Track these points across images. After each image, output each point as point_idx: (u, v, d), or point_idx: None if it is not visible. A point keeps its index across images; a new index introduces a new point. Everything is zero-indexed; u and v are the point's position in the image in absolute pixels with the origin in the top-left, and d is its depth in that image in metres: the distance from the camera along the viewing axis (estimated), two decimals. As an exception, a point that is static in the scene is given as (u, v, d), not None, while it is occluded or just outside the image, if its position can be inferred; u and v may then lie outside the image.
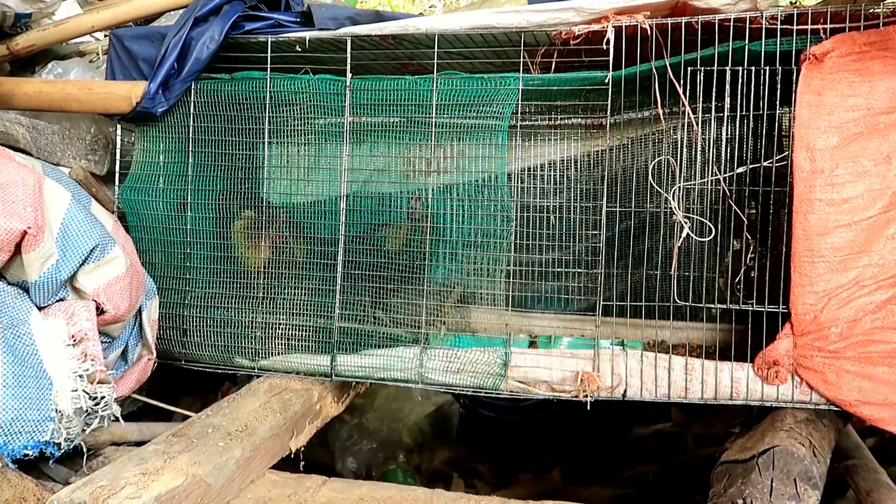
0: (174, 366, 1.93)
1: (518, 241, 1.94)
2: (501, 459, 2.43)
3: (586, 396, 1.65)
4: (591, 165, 2.15)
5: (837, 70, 1.58)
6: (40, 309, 1.49)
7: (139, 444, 1.67)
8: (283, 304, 1.90)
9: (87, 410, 1.43)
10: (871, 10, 1.61)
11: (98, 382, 1.45)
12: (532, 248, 1.99)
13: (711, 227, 1.63)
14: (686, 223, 1.64)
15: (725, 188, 1.70)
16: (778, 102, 1.66)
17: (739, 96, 1.66)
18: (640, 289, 1.99)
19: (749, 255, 1.70)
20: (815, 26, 1.61)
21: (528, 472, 2.37)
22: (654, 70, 1.71)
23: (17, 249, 1.42)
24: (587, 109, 2.11)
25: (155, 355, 1.81)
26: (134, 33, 1.98)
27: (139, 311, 1.77)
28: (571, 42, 1.76)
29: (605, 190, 1.76)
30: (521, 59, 1.78)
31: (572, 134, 2.13)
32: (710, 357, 1.66)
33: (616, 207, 1.79)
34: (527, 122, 2.07)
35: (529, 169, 2.15)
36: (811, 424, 1.52)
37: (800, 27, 1.61)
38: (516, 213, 1.93)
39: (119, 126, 1.98)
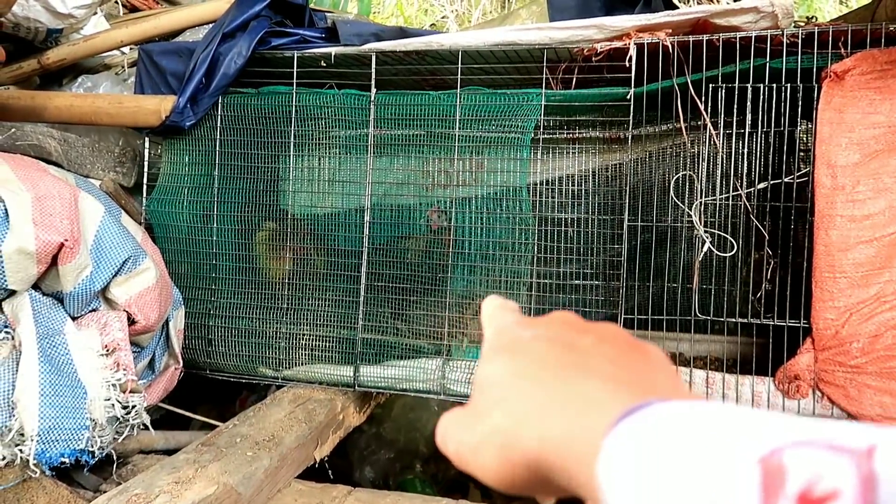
0: (199, 375, 1.96)
1: (538, 254, 1.96)
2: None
3: (608, 409, 1.66)
4: (611, 178, 2.17)
5: (858, 88, 1.60)
6: (74, 319, 1.53)
7: (165, 452, 1.71)
8: (307, 314, 1.93)
9: (119, 419, 1.46)
10: (891, 29, 1.63)
11: (130, 392, 1.48)
12: (552, 261, 2.01)
13: (733, 242, 1.65)
14: (707, 238, 1.66)
15: (746, 203, 1.72)
16: (799, 119, 1.68)
17: (760, 113, 1.69)
18: (660, 301, 2.00)
19: (769, 270, 1.72)
20: (835, 46, 1.63)
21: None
22: (676, 86, 1.73)
23: (54, 261, 1.46)
24: (606, 123, 2.14)
25: (181, 365, 1.84)
26: (162, 48, 2.03)
27: (166, 321, 1.80)
28: (593, 59, 1.79)
29: (628, 203, 1.79)
30: (544, 76, 1.81)
31: (594, 147, 2.16)
32: (730, 370, 1.67)
33: (637, 221, 1.80)
34: (548, 136, 2.09)
35: (549, 182, 2.18)
36: (833, 439, 1.53)
37: (821, 45, 1.64)
38: (537, 225, 1.95)
39: (147, 139, 2.02)
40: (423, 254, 1.95)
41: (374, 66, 1.90)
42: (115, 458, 1.54)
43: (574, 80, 1.89)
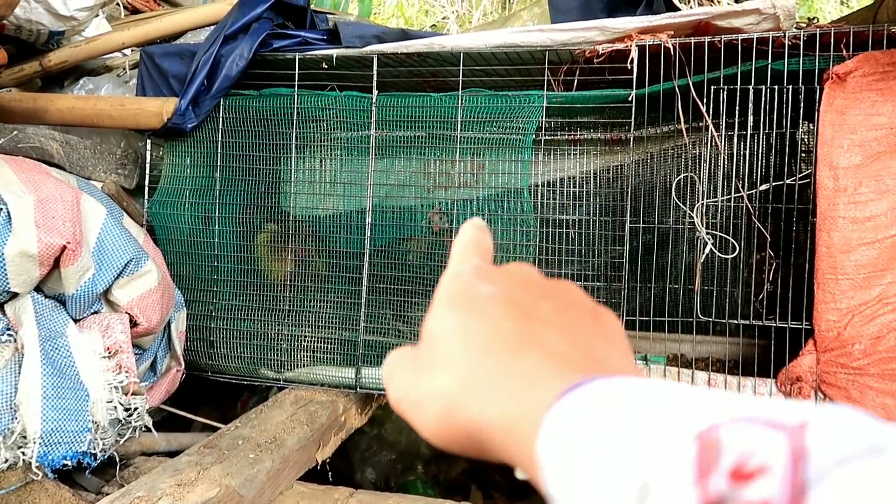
0: (201, 377, 1.96)
1: (540, 256, 1.96)
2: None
3: (610, 411, 1.66)
4: (612, 180, 2.17)
5: (860, 89, 1.60)
6: (76, 321, 1.53)
7: (167, 454, 1.71)
8: (308, 316, 1.93)
9: (121, 421, 1.46)
10: (893, 30, 1.62)
11: (132, 394, 1.48)
12: (553, 263, 2.01)
13: (735, 244, 1.65)
14: (710, 240, 1.66)
15: (749, 205, 1.72)
16: (801, 121, 1.68)
17: (763, 114, 1.69)
18: (661, 303, 2.00)
19: (770, 271, 1.72)
20: (837, 48, 1.63)
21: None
22: (677, 88, 1.73)
23: (56, 263, 1.46)
24: (608, 125, 2.14)
25: (183, 366, 1.84)
26: (164, 50, 2.03)
27: (168, 323, 1.80)
28: (595, 60, 1.79)
29: (630, 205, 1.79)
30: (546, 77, 1.81)
31: (595, 148, 2.16)
32: (731, 372, 1.67)
33: (639, 223, 1.80)
34: (549, 137, 2.09)
35: (551, 183, 2.18)
36: (836, 441, 1.53)
37: (822, 47, 1.64)
38: (538, 226, 1.95)
39: (149, 141, 2.02)
40: (425, 255, 1.95)
41: (375, 67, 1.90)
42: (117, 460, 1.54)
43: (576, 81, 1.89)
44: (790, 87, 1.67)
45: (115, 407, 1.43)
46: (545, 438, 0.27)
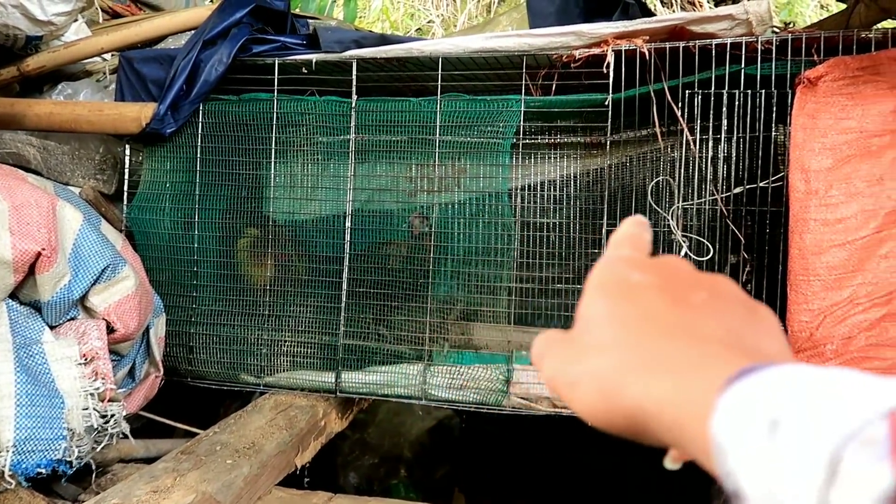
0: (181, 383, 1.95)
1: (520, 259, 1.97)
2: (503, 474, 2.45)
3: (588, 413, 1.67)
4: (592, 183, 2.18)
5: (831, 94, 1.62)
6: (52, 328, 1.52)
7: (146, 460, 1.70)
8: (288, 321, 1.93)
9: (97, 428, 1.45)
10: (862, 36, 1.65)
11: (108, 400, 1.47)
12: (535, 266, 2.03)
13: (710, 246, 1.67)
14: (685, 242, 1.68)
15: (723, 208, 1.74)
16: (774, 124, 1.70)
17: (736, 118, 1.71)
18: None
19: (745, 273, 1.74)
20: (809, 53, 1.66)
21: (529, 487, 2.39)
22: (653, 92, 1.75)
23: (31, 270, 1.45)
24: (587, 129, 2.16)
25: (162, 372, 1.83)
26: (143, 55, 2.03)
27: (147, 329, 1.79)
28: (572, 65, 1.81)
29: (608, 208, 1.80)
30: (523, 82, 1.83)
31: (574, 152, 2.17)
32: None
33: (615, 225, 1.82)
34: (528, 141, 2.11)
35: (531, 187, 2.19)
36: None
37: (795, 52, 1.66)
38: (518, 230, 1.97)
39: (128, 146, 2.01)
40: (405, 259, 1.95)
41: (354, 72, 1.90)
42: (93, 467, 1.53)
43: (554, 86, 1.91)
44: (763, 91, 1.70)
45: (91, 414, 1.43)
46: (722, 417, 0.28)
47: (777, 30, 1.86)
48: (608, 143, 1.81)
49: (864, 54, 1.62)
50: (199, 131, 1.98)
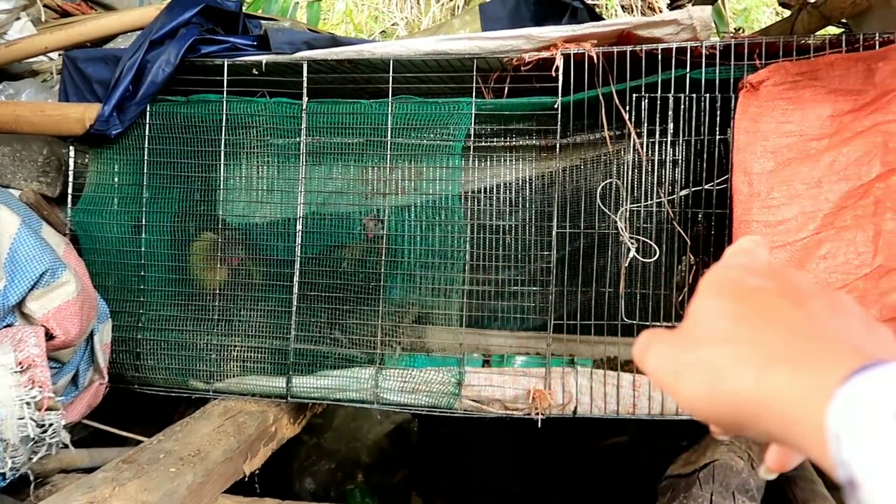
0: (127, 390, 1.91)
1: (474, 261, 1.98)
2: (461, 476, 2.45)
3: (538, 414, 1.68)
4: (547, 186, 2.20)
5: (772, 98, 1.66)
6: (-14, 335, 1.47)
7: (89, 470, 1.65)
8: (239, 325, 1.90)
9: (34, 438, 1.41)
10: (802, 42, 1.69)
11: (46, 409, 1.43)
12: (488, 268, 2.03)
13: (656, 247, 1.69)
14: (633, 244, 1.70)
15: (669, 210, 1.77)
16: (718, 128, 1.73)
17: (682, 122, 1.74)
18: (595, 306, 2.04)
19: (691, 274, 1.77)
20: (752, 58, 1.70)
21: (486, 488, 2.39)
22: (601, 96, 1.77)
23: (-37, 275, 1.40)
24: (541, 132, 2.17)
25: (107, 380, 1.79)
26: (88, 55, 1.98)
27: (91, 335, 1.75)
28: (522, 68, 1.82)
29: (557, 210, 1.81)
30: (474, 85, 1.83)
31: (527, 155, 2.19)
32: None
33: (566, 228, 1.83)
34: (483, 144, 2.11)
35: (486, 189, 2.20)
36: (751, 438, 1.58)
37: (739, 57, 1.69)
38: (472, 232, 1.97)
39: (72, 147, 1.96)
40: (358, 262, 1.94)
41: (305, 74, 1.89)
42: (31, 478, 1.48)
43: (506, 89, 1.92)
44: (708, 95, 1.73)
45: (27, 423, 1.38)
46: (841, 406, 0.28)
47: (730, 34, 1.90)
48: (558, 146, 1.82)
49: (804, 60, 1.66)
50: (147, 133, 1.94)
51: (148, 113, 1.93)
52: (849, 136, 1.60)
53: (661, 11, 4.71)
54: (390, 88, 1.84)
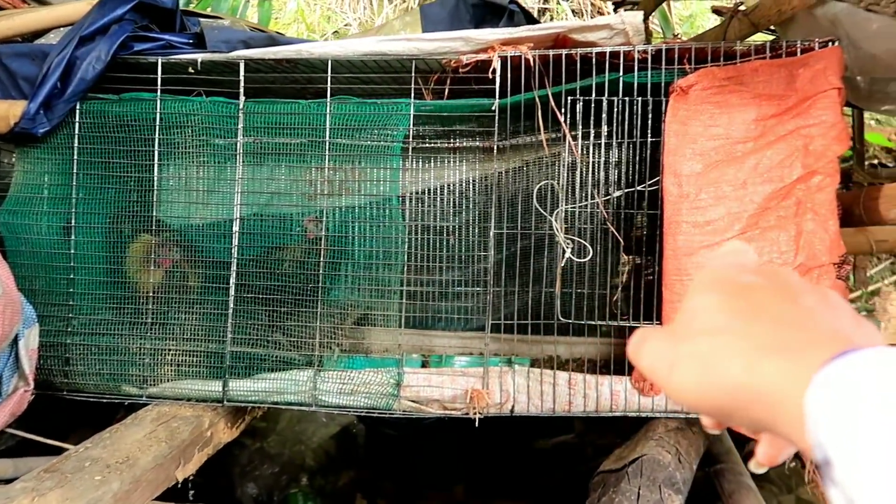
0: (56, 396, 1.85)
1: (416, 262, 1.98)
2: (406, 477, 2.45)
3: (476, 414, 1.69)
4: (488, 188, 2.22)
5: (701, 102, 1.71)
6: None
7: (13, 481, 1.59)
8: (174, 328, 1.86)
9: (-52, 448, 1.35)
10: (729, 47, 1.75)
11: (-38, 418, 1.37)
12: (431, 269, 2.04)
13: (590, 247, 1.72)
14: (568, 245, 1.73)
15: (603, 211, 1.80)
16: (650, 130, 1.78)
17: (616, 124, 1.77)
18: (534, 307, 2.06)
19: (623, 274, 1.80)
20: (682, 63, 1.74)
21: (431, 488, 2.40)
22: (538, 98, 1.80)
23: None
24: (482, 133, 2.19)
25: (33, 386, 1.73)
26: (13, 50, 1.91)
27: (15, 340, 1.69)
28: (461, 70, 1.83)
29: (496, 212, 1.83)
30: (413, 86, 1.83)
31: (469, 157, 2.20)
32: (602, 371, 1.74)
33: (503, 229, 1.85)
34: (423, 145, 2.12)
35: (429, 191, 2.20)
36: (680, 433, 1.62)
37: (671, 61, 1.74)
38: (415, 233, 1.97)
39: (-3, 146, 1.89)
40: (298, 264, 1.92)
41: (242, 73, 1.86)
42: (-53, 490, 1.42)
43: (446, 90, 1.92)
44: (641, 98, 1.77)
45: (-60, 433, 1.33)
46: (817, 390, 0.29)
47: (670, 40, 1.94)
48: (496, 147, 1.84)
49: (731, 65, 1.71)
50: (77, 132, 1.88)
51: (78, 111, 1.88)
52: (772, 139, 1.66)
53: (606, 11, 4.79)
54: (328, 88, 1.83)
